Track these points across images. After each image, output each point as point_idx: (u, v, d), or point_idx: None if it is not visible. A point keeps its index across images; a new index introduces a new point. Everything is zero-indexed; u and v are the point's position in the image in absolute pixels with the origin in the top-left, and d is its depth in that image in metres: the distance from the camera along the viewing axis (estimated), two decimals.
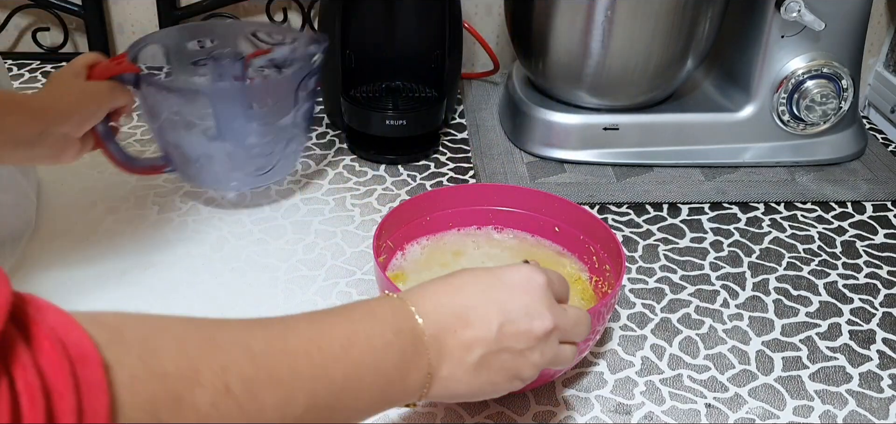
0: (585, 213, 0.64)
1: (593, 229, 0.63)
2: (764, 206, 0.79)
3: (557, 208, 0.65)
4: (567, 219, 0.65)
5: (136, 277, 0.66)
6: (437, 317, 0.41)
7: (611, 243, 0.60)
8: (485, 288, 0.44)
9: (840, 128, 0.86)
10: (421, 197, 0.65)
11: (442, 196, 0.66)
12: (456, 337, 0.42)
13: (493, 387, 0.44)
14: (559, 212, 0.65)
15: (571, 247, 0.65)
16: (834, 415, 0.56)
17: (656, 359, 0.60)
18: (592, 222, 0.63)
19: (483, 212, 0.67)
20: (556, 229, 0.65)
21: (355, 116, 0.85)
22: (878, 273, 0.70)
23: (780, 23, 0.80)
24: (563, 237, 0.65)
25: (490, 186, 0.69)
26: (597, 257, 0.62)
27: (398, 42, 0.89)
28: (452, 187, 0.73)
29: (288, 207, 0.77)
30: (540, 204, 0.66)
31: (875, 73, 1.08)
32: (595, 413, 0.55)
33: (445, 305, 0.42)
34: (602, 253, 0.62)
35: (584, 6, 0.78)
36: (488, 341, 0.42)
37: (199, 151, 0.71)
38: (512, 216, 0.67)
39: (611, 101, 0.85)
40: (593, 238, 0.63)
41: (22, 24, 1.05)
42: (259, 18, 1.05)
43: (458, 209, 0.66)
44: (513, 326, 0.43)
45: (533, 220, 0.66)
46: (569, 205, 0.65)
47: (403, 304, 0.41)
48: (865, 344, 0.62)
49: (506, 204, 0.67)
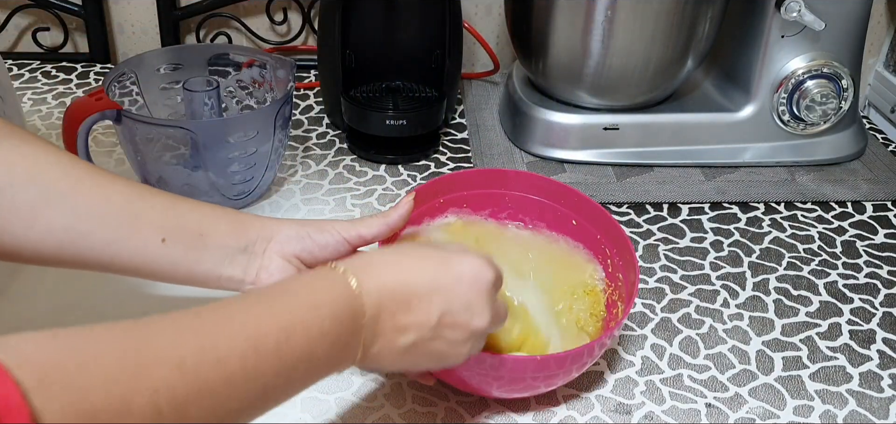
0: (603, 213, 0.62)
1: (609, 230, 0.61)
2: (764, 206, 0.79)
3: (575, 202, 0.64)
4: (585, 214, 0.63)
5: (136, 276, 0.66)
6: (378, 297, 0.42)
7: (627, 252, 0.58)
8: (432, 274, 0.44)
9: (840, 128, 0.86)
10: (449, 177, 0.65)
11: (471, 177, 0.65)
12: (394, 320, 0.42)
13: (416, 366, 0.46)
14: (576, 206, 0.64)
15: (589, 245, 0.63)
16: (834, 415, 0.56)
17: (656, 359, 0.60)
18: (609, 223, 0.61)
19: (499, 196, 0.66)
20: (574, 223, 0.64)
21: (355, 115, 0.85)
22: (878, 273, 0.70)
23: (780, 23, 0.80)
24: (579, 233, 0.64)
25: (511, 172, 0.67)
26: (612, 261, 0.61)
27: (398, 42, 0.89)
28: (482, 170, 0.70)
29: (288, 207, 0.77)
30: (558, 194, 0.65)
31: (875, 73, 1.08)
32: (595, 413, 0.55)
33: (388, 284, 0.42)
34: (617, 260, 0.60)
35: (584, 6, 0.78)
36: (424, 328, 0.43)
37: (180, 182, 0.72)
38: (530, 204, 0.66)
39: (611, 101, 0.85)
40: (610, 240, 0.61)
41: (22, 24, 1.05)
42: (259, 19, 1.05)
43: (486, 191, 0.66)
44: (451, 317, 0.43)
45: (549, 209, 0.65)
46: (587, 201, 0.63)
47: (346, 283, 0.41)
48: (865, 344, 0.62)
49: (524, 190, 0.66)
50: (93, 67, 1.03)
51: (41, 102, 0.94)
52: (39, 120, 0.90)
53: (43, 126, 0.88)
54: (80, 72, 1.02)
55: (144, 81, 0.78)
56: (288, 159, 0.84)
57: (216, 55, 0.81)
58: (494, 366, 0.50)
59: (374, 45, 0.88)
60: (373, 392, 0.56)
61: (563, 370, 0.51)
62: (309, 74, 1.03)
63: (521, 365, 0.50)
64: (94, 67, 1.03)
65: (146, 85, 0.79)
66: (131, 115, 0.69)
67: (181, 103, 0.79)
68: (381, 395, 0.56)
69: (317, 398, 0.55)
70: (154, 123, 0.73)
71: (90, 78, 1.01)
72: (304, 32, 1.06)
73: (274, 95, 0.80)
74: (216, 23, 1.05)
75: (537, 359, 0.51)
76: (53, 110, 0.92)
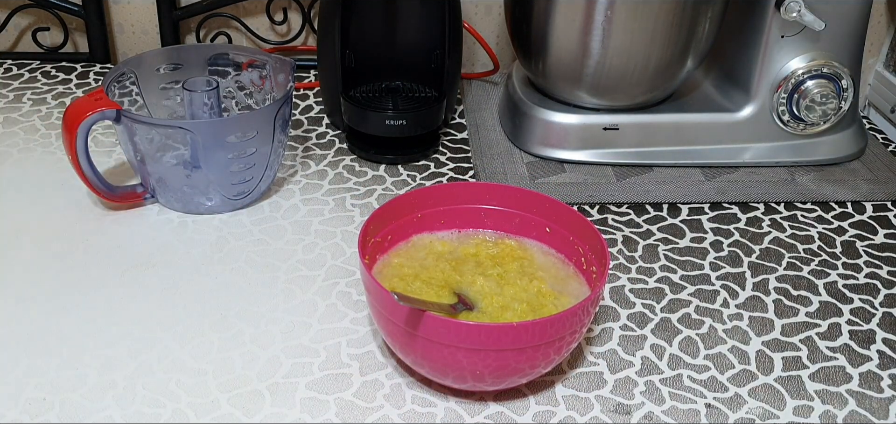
0: (573, 213, 0.63)
1: (581, 230, 0.62)
2: (764, 206, 0.79)
3: (548, 208, 0.64)
4: (557, 219, 0.64)
5: (136, 277, 0.66)
6: None
7: (597, 243, 0.60)
8: None
9: (840, 128, 0.86)
10: (408, 195, 0.65)
11: (425, 195, 0.65)
12: None
13: None
14: (549, 211, 0.64)
15: (560, 248, 0.64)
16: (834, 415, 0.56)
17: (656, 359, 0.60)
18: (580, 222, 0.62)
19: (473, 211, 0.66)
20: (548, 229, 0.65)
21: (355, 116, 0.85)
22: (878, 273, 0.70)
23: (780, 23, 0.80)
24: (553, 238, 0.65)
25: (480, 184, 0.68)
26: (585, 258, 0.62)
27: (398, 42, 0.89)
28: (440, 185, 0.71)
29: (288, 207, 0.77)
30: (530, 204, 0.65)
31: (875, 73, 1.08)
32: (595, 413, 0.55)
33: None
34: (590, 254, 0.61)
35: (584, 6, 0.78)
36: None
37: (180, 182, 0.72)
38: (502, 215, 0.66)
39: (610, 101, 0.85)
40: (582, 239, 0.62)
41: (22, 24, 1.05)
42: (259, 18, 1.05)
43: (446, 208, 0.66)
44: None
45: (521, 219, 0.66)
46: (557, 204, 0.64)
47: None
48: (865, 344, 0.62)
49: (495, 203, 0.66)
50: (93, 67, 1.03)
51: (41, 103, 0.94)
52: (39, 120, 0.90)
53: (43, 126, 0.88)
54: (79, 72, 1.02)
55: (144, 80, 0.79)
56: (288, 159, 0.84)
57: (216, 55, 0.82)
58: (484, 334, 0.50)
59: (373, 46, 0.88)
60: (373, 392, 0.56)
61: (540, 339, 0.52)
62: (309, 74, 1.03)
63: (510, 331, 0.51)
64: (93, 67, 1.03)
65: (146, 85, 0.79)
66: (131, 115, 0.70)
67: (181, 103, 0.80)
68: (381, 395, 0.56)
69: (317, 398, 0.55)
70: (153, 124, 0.74)
71: (90, 78, 1.01)
72: (304, 32, 1.06)
73: (274, 96, 0.80)
74: (216, 23, 1.05)
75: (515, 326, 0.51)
76: (53, 110, 0.92)
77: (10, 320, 0.61)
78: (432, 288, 0.59)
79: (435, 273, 0.61)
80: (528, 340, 0.51)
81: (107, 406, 0.54)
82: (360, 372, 0.58)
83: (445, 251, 0.64)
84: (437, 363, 0.53)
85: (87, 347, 0.59)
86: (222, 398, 0.55)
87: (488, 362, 0.52)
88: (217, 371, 0.57)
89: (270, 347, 0.60)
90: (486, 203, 0.66)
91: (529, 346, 0.52)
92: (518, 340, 0.51)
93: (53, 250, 0.69)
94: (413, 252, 0.64)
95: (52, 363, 0.57)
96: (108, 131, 0.88)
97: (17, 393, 0.55)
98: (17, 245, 0.69)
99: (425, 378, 0.57)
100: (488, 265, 0.62)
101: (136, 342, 0.59)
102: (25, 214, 0.74)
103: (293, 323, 0.62)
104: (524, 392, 0.57)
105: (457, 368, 0.53)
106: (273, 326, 0.62)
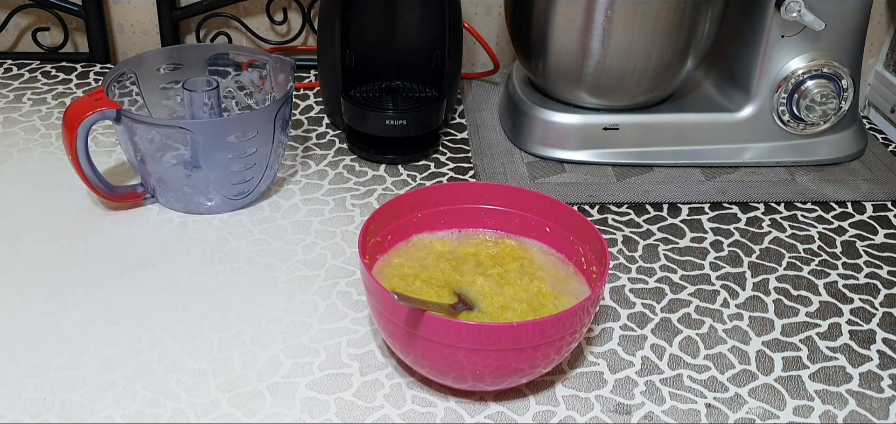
0: (573, 213, 0.63)
1: (581, 230, 0.62)
2: (764, 206, 0.79)
3: (548, 208, 0.64)
4: (557, 219, 0.64)
5: (136, 277, 0.66)
6: None
7: (597, 243, 0.59)
8: None
9: (840, 128, 0.86)
10: (408, 195, 0.65)
11: (425, 195, 0.65)
12: None
13: None
14: (550, 211, 0.64)
15: (560, 248, 0.64)
16: (834, 415, 0.56)
17: (656, 359, 0.60)
18: (580, 222, 0.62)
19: (473, 211, 0.66)
20: (548, 229, 0.65)
21: (355, 116, 0.85)
22: (878, 273, 0.70)
23: (780, 23, 0.80)
24: (553, 238, 0.65)
25: (481, 184, 0.68)
26: (585, 258, 0.62)
27: (398, 42, 0.89)
28: (440, 185, 0.71)
29: (288, 207, 0.77)
30: (530, 203, 0.65)
31: (875, 73, 1.08)
32: (595, 413, 0.55)
33: None
34: (590, 254, 0.61)
35: (584, 6, 0.78)
36: None
37: (180, 182, 0.72)
38: (502, 215, 0.66)
39: (610, 101, 0.85)
40: (582, 239, 0.62)
41: (22, 24, 1.05)
42: (259, 18, 1.05)
43: (446, 207, 0.66)
44: None
45: (521, 219, 0.66)
46: (557, 204, 0.64)
47: None
48: (865, 344, 0.62)
49: (495, 203, 0.66)
50: (93, 67, 1.03)
51: (41, 103, 0.94)
52: (39, 120, 0.90)
53: (43, 126, 0.88)
54: (79, 72, 1.02)
55: (144, 80, 0.79)
56: (288, 159, 0.84)
57: (216, 55, 0.82)
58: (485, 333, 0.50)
59: (373, 46, 0.88)
60: (373, 391, 0.56)
61: (542, 338, 0.52)
62: (309, 74, 1.03)
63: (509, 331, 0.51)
64: (93, 67, 1.03)
65: (146, 85, 0.79)
66: (131, 115, 0.70)
67: (181, 103, 0.80)
68: (381, 395, 0.56)
69: (317, 398, 0.55)
70: (153, 124, 0.74)
71: (90, 78, 1.01)
72: (304, 32, 1.06)
73: (274, 96, 0.80)
74: (216, 23, 1.05)
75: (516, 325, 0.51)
76: (53, 110, 0.92)
77: (10, 320, 0.61)
78: (432, 288, 0.59)
79: (435, 273, 0.61)
80: (528, 340, 0.51)
81: (107, 406, 0.54)
82: (360, 372, 0.58)
83: (445, 251, 0.64)
84: (437, 363, 0.53)
85: (87, 347, 0.59)
86: (222, 398, 0.55)
87: (488, 362, 0.52)
88: (217, 371, 0.57)
89: (270, 347, 0.60)
90: (486, 203, 0.66)
91: (529, 346, 0.52)
92: (518, 340, 0.51)
93: (53, 250, 0.69)
94: (413, 252, 0.64)
95: (52, 364, 0.57)
96: (108, 131, 0.88)
97: (17, 393, 0.55)
98: (17, 245, 0.69)
99: (425, 378, 0.57)
100: (488, 265, 0.62)
101: (136, 342, 0.59)
102: (25, 214, 0.74)
103: (293, 323, 0.62)
104: (524, 392, 0.57)
105: (457, 368, 0.53)
106: (273, 326, 0.62)
